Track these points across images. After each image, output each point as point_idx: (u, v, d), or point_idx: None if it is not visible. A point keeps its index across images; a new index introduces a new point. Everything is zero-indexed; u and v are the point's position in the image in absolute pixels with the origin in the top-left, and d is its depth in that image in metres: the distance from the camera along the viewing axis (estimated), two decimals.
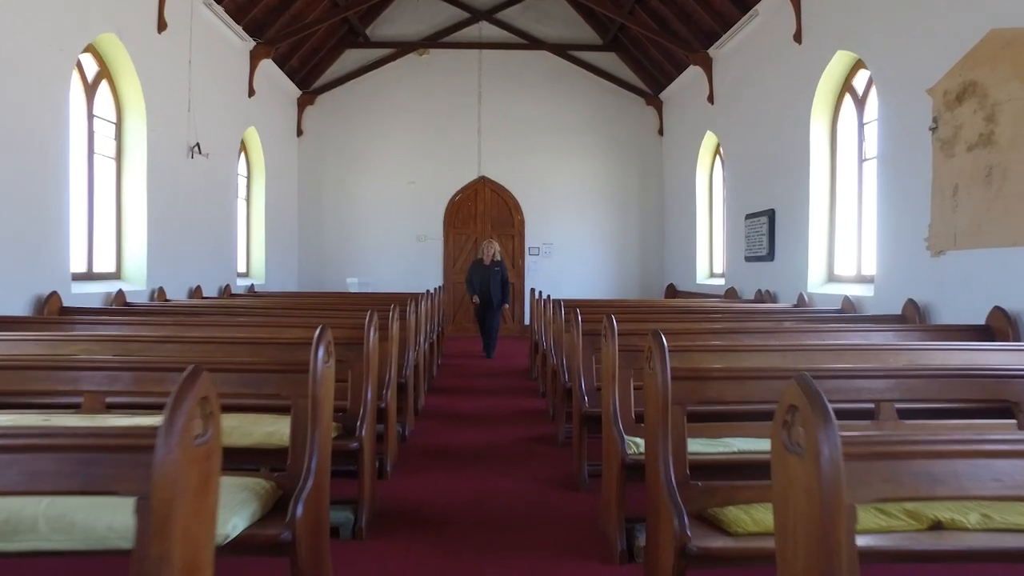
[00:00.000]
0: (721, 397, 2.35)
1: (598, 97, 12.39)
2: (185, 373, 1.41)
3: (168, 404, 1.35)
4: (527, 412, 5.94)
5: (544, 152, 12.33)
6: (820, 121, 7.00)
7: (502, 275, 9.07)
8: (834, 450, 1.35)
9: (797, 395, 1.44)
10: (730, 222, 9.38)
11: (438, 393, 6.78)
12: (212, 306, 6.28)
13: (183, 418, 1.34)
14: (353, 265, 12.10)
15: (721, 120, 9.71)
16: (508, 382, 7.46)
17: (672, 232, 12.02)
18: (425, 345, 6.54)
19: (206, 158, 8.01)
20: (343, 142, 12.21)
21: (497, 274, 9.02)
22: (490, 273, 8.99)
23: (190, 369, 1.43)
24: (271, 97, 10.63)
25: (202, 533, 1.46)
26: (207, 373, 1.44)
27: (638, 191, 12.53)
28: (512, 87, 12.30)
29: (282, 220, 11.31)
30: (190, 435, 1.37)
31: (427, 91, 12.23)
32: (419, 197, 12.22)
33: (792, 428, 1.45)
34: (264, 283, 10.33)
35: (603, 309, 6.35)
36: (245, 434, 2.82)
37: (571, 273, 12.30)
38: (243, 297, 8.18)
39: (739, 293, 8.86)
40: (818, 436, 1.36)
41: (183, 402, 1.35)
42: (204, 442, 1.42)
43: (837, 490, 1.35)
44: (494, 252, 9.15)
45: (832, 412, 1.38)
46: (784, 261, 7.67)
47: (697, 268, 10.85)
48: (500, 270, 9.06)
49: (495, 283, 8.98)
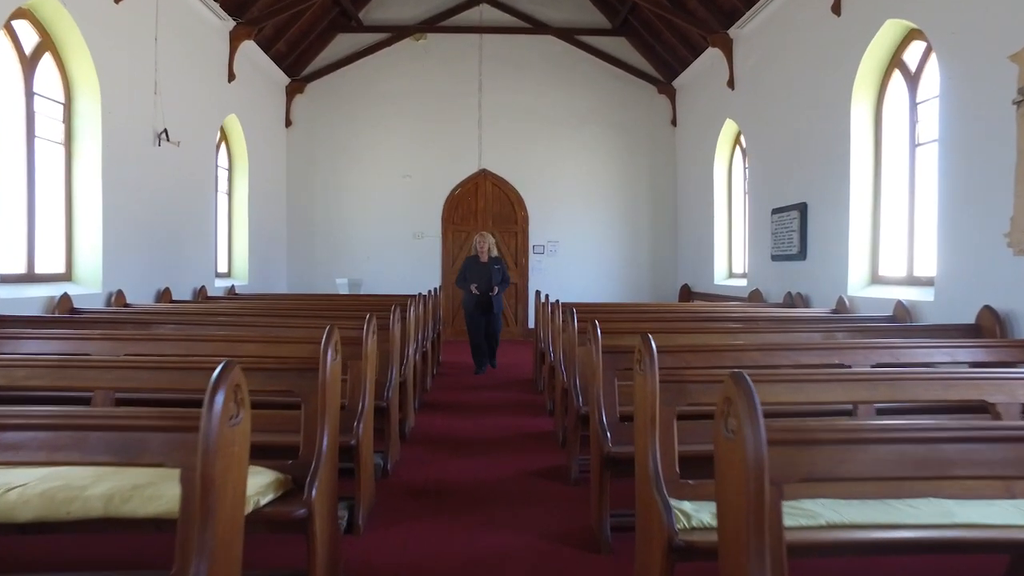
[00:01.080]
0: (834, 472, 1.57)
1: (607, 85, 11.59)
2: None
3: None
4: (533, 436, 5.15)
5: (549, 144, 11.53)
6: (863, 102, 6.20)
7: (503, 273, 7.84)
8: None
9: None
10: (753, 218, 8.58)
11: (430, 410, 6.00)
12: (174, 312, 5.50)
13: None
14: (345, 265, 11.32)
15: (742, 107, 8.90)
16: (511, 395, 6.67)
17: (686, 229, 11.22)
18: (416, 356, 5.76)
19: (177, 147, 7.23)
20: (334, 133, 11.43)
21: (498, 272, 7.77)
22: (490, 272, 7.74)
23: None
24: (255, 84, 9.86)
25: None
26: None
27: (649, 185, 11.73)
28: (515, 74, 11.50)
29: (269, 217, 10.53)
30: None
31: (424, 79, 11.44)
32: (415, 192, 11.44)
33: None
34: (247, 284, 9.56)
35: (621, 317, 5.57)
36: None
37: (578, 273, 11.51)
38: (218, 301, 7.41)
39: (764, 295, 8.06)
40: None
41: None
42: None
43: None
44: (490, 246, 7.83)
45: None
46: (818, 260, 6.87)
47: (715, 268, 10.04)
48: (501, 268, 7.84)
49: (496, 283, 7.79)
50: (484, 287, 7.67)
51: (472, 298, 7.75)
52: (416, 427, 5.31)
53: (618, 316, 5.69)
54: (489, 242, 7.85)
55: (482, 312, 7.75)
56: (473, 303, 7.76)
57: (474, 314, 7.77)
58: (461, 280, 7.86)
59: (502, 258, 8.03)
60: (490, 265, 7.78)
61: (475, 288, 7.65)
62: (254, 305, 6.51)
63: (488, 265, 7.78)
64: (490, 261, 7.82)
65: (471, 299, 7.76)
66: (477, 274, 7.72)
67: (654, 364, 2.35)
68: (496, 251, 7.90)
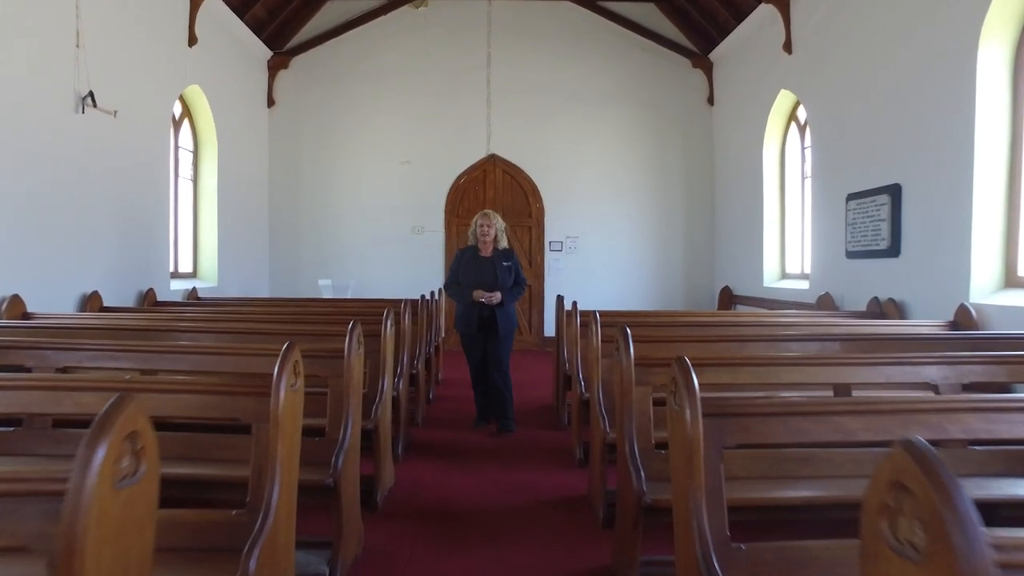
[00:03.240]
0: None
1: (633, 58, 10.12)
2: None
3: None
4: (560, 503, 3.68)
5: (568, 126, 10.07)
6: (993, 54, 4.69)
7: (517, 272, 5.18)
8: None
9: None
10: (819, 206, 7.07)
11: (420, 455, 4.55)
12: (69, 328, 4.08)
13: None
14: (334, 264, 9.92)
15: (803, 74, 7.39)
16: (526, 433, 5.15)
17: (727, 222, 9.71)
18: (398, 384, 4.32)
19: (113, 117, 5.84)
20: (323, 114, 10.03)
21: (508, 271, 5.10)
22: (495, 270, 5.09)
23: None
24: (227, 53, 8.46)
25: None
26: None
27: (683, 172, 10.23)
28: (528, 46, 10.05)
29: (245, 208, 9.14)
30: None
31: (425, 51, 10.01)
32: (415, 180, 10.01)
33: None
34: (216, 286, 8.17)
35: (668, 334, 4.10)
36: None
37: (600, 272, 10.04)
38: (162, 309, 5.99)
39: (836, 301, 6.56)
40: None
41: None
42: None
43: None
44: (497, 233, 5.17)
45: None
46: (920, 257, 5.37)
47: (764, 267, 8.54)
48: (513, 264, 5.16)
49: (505, 288, 5.06)
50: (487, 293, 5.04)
51: (469, 313, 5.08)
52: (396, 489, 3.85)
53: (657, 332, 4.22)
54: (497, 226, 5.17)
55: (483, 333, 5.10)
56: (470, 320, 5.08)
57: (474, 337, 5.13)
58: (452, 283, 5.24)
59: (514, 251, 5.35)
60: (495, 260, 5.11)
61: (481, 296, 5.00)
62: (199, 315, 5.10)
63: (493, 260, 5.11)
64: (496, 255, 5.14)
65: (468, 314, 5.10)
66: (476, 273, 5.08)
67: None
68: (506, 240, 5.26)
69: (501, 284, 5.05)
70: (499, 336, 5.09)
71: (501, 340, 5.11)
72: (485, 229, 5.15)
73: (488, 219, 5.18)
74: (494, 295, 4.96)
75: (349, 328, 2.88)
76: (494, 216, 5.23)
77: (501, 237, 5.21)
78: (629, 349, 2.66)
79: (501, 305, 5.02)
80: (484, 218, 5.19)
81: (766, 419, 2.00)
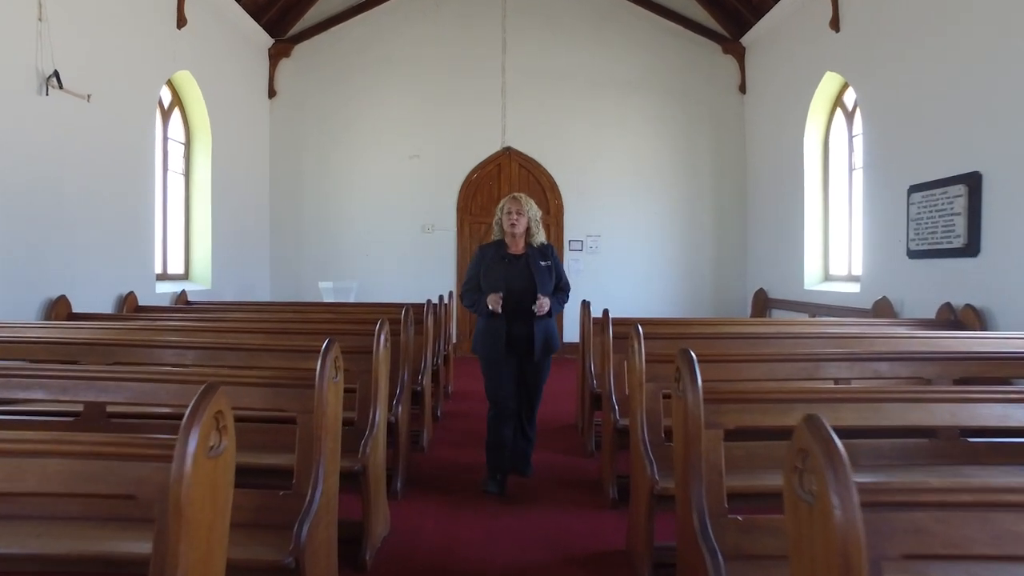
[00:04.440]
0: None
1: (660, 43, 9.40)
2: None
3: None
4: (592, 560, 2.97)
5: (588, 117, 9.38)
6: None
7: (559, 275, 3.98)
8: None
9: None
10: (873, 199, 6.32)
11: (423, 490, 3.86)
12: (19, 341, 3.45)
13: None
14: (339, 264, 9.29)
15: (853, 53, 6.65)
16: (546, 459, 4.41)
17: (761, 218, 8.97)
18: (397, 409, 3.65)
19: (86, 101, 5.24)
20: (328, 105, 9.41)
21: (546, 272, 3.86)
22: (531, 272, 3.82)
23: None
24: (224, 40, 7.86)
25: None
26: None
27: (712, 165, 9.50)
28: (546, 31, 9.37)
29: (243, 205, 8.53)
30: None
31: (436, 38, 9.36)
32: (425, 175, 9.36)
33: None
34: (210, 289, 7.56)
35: (729, 351, 3.39)
36: None
37: (623, 273, 9.33)
38: (139, 316, 5.38)
39: (896, 308, 5.81)
40: None
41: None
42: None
43: None
44: (531, 224, 3.90)
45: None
46: (1005, 256, 4.62)
47: (805, 268, 7.79)
48: (552, 264, 3.94)
49: (545, 292, 3.81)
50: (519, 302, 3.73)
51: (494, 328, 3.76)
52: (391, 539, 3.17)
53: (722, 345, 3.51)
54: (530, 214, 3.88)
55: (515, 356, 3.82)
56: (495, 337, 3.77)
57: (501, 363, 3.81)
58: (471, 290, 3.92)
59: (553, 248, 4.05)
60: (530, 259, 3.85)
61: (495, 303, 3.69)
62: (168, 325, 4.46)
63: (527, 259, 3.85)
64: (531, 252, 3.88)
65: (492, 330, 3.78)
66: (504, 276, 3.79)
67: None
68: (543, 233, 3.97)
69: (542, 290, 3.75)
70: (536, 362, 3.82)
71: (539, 368, 3.87)
72: (514, 218, 3.80)
73: (518, 204, 3.82)
74: (543, 302, 3.68)
75: (322, 349, 2.21)
76: (526, 201, 3.87)
77: (536, 229, 3.90)
78: (696, 382, 1.97)
79: (547, 316, 3.77)
80: (513, 203, 3.85)
81: None
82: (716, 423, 1.98)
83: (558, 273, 3.96)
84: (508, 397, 3.82)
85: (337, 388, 2.30)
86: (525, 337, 3.77)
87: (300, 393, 2.22)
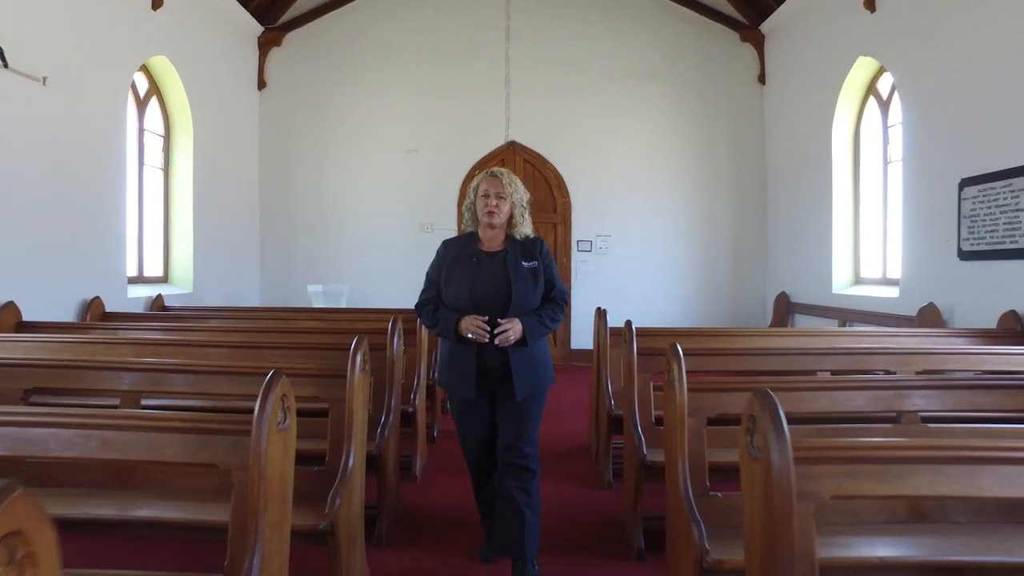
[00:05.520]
0: None
1: (673, 31, 8.83)
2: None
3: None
4: None
5: (598, 109, 8.80)
6: None
7: (551, 282, 2.82)
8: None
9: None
10: (917, 195, 5.73)
11: (412, 536, 3.27)
12: None
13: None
14: (333, 266, 8.74)
15: (891, 34, 6.06)
16: (555, 491, 3.81)
17: (783, 217, 8.37)
18: (383, 437, 3.08)
19: (41, 84, 4.69)
20: (321, 98, 8.85)
21: (532, 280, 2.76)
22: (510, 277, 2.73)
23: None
24: (207, 25, 7.30)
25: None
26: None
27: (729, 159, 8.91)
28: (554, 17, 8.80)
29: (230, 202, 7.98)
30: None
31: (435, 26, 8.80)
32: (424, 171, 8.80)
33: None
34: (192, 292, 7.01)
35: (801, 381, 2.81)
36: None
37: (634, 275, 8.75)
38: (104, 324, 4.82)
39: (945, 316, 5.22)
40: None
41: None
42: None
43: None
44: (515, 210, 2.81)
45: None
46: None
47: (834, 271, 7.20)
48: (540, 266, 2.80)
49: (527, 308, 2.72)
50: (491, 318, 2.67)
51: (461, 357, 2.74)
52: None
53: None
54: (515, 197, 2.83)
55: (486, 399, 2.80)
56: (462, 371, 2.73)
57: (471, 405, 2.81)
58: (430, 300, 2.95)
59: (544, 242, 2.93)
60: (509, 259, 2.78)
61: (473, 328, 2.66)
62: (121, 338, 3.91)
63: (505, 259, 2.79)
64: (511, 249, 2.82)
65: (459, 359, 2.75)
66: (473, 282, 2.77)
67: None
68: (530, 224, 2.91)
69: (518, 302, 2.66)
70: (517, 403, 2.68)
71: (522, 411, 2.70)
72: (493, 204, 2.73)
73: (498, 184, 2.76)
74: (506, 327, 2.60)
75: (263, 388, 1.63)
76: (510, 179, 2.81)
77: (521, 218, 2.81)
78: (784, 437, 1.39)
79: (522, 344, 2.64)
80: (491, 183, 2.78)
81: None
82: (810, 492, 1.40)
83: (548, 277, 2.78)
84: (480, 455, 2.84)
85: (285, 437, 1.73)
86: (500, 367, 2.65)
87: (235, 443, 1.65)
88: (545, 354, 2.83)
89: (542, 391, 2.80)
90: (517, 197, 2.82)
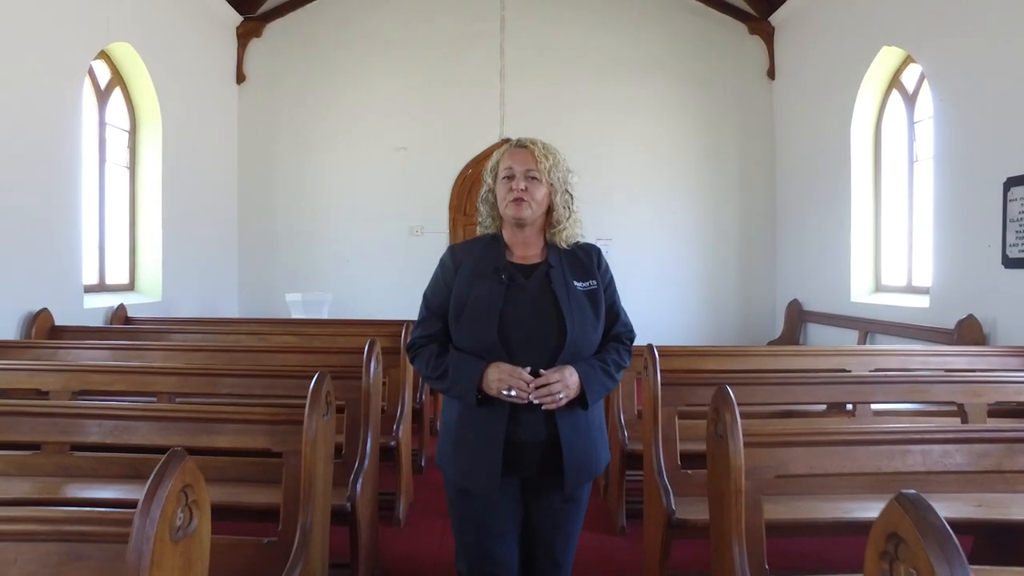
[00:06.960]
0: None
1: (678, 23, 8.34)
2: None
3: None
4: None
5: (598, 105, 8.30)
6: None
7: (617, 315, 1.93)
8: None
9: None
10: (951, 195, 5.23)
11: None
12: None
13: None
14: (315, 272, 8.20)
15: (921, 20, 5.57)
16: None
17: (795, 219, 7.89)
18: (357, 489, 2.54)
19: None
20: (304, 92, 8.31)
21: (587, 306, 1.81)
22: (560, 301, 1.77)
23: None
24: (180, 13, 6.75)
25: None
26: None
27: (736, 158, 8.43)
28: (551, 9, 8.30)
29: (204, 204, 7.42)
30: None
31: (425, 16, 8.28)
32: (413, 170, 8.27)
33: None
34: (160, 302, 6.45)
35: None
36: None
37: (636, 280, 8.20)
38: (46, 342, 4.27)
39: (986, 329, 4.72)
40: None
41: None
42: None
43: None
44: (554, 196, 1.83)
45: None
46: None
47: (852, 278, 6.71)
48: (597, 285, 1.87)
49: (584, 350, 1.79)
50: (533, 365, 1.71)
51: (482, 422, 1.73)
52: None
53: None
54: (554, 177, 1.84)
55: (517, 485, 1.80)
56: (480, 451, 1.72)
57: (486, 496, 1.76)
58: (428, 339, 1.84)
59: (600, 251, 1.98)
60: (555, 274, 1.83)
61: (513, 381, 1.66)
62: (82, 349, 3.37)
63: (546, 274, 1.83)
64: (553, 260, 1.86)
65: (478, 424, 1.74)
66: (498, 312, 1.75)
67: None
68: (579, 224, 1.94)
69: (575, 343, 1.76)
70: (568, 497, 1.82)
71: (571, 511, 1.84)
72: (521, 185, 1.80)
73: (528, 156, 1.84)
74: (554, 379, 1.68)
75: (147, 485, 1.11)
76: (544, 150, 1.87)
77: (566, 211, 1.89)
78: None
79: (578, 405, 1.75)
80: (518, 154, 1.85)
81: None
82: None
83: (610, 305, 1.90)
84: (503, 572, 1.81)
85: (189, 547, 1.20)
86: (542, 444, 1.73)
87: (117, 550, 1.12)
88: (602, 421, 1.88)
89: (593, 477, 1.83)
90: (558, 177, 1.82)
